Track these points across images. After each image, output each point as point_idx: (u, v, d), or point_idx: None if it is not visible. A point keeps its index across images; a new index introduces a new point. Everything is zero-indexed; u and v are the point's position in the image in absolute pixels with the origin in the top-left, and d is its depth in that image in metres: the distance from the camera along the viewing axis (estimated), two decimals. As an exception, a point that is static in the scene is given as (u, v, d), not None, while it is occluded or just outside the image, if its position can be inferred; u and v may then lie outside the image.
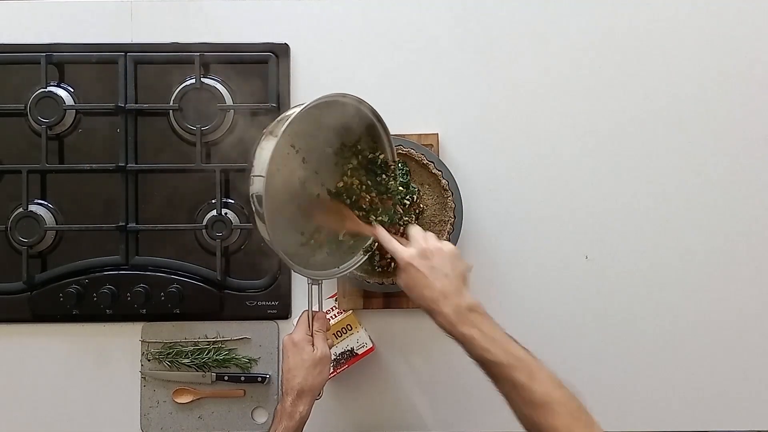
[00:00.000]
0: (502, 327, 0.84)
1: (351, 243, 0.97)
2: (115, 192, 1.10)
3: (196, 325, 1.10)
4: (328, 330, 0.96)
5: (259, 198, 0.82)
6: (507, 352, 0.80)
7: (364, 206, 0.96)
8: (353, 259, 0.98)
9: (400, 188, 1.00)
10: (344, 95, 0.89)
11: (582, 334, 1.11)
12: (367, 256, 0.99)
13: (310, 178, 0.93)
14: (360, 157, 0.96)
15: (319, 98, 0.86)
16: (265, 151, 0.82)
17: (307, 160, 0.92)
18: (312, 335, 0.93)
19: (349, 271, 0.97)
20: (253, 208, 0.84)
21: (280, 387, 0.94)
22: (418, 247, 0.87)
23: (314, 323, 0.93)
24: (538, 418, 0.77)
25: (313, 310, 0.94)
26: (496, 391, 0.81)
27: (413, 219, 1.02)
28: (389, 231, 0.99)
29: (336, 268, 0.96)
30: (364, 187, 0.96)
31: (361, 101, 0.91)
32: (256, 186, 0.83)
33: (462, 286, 0.86)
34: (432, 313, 0.85)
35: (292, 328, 1.08)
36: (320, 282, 0.95)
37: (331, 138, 0.94)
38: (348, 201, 0.95)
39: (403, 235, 1.00)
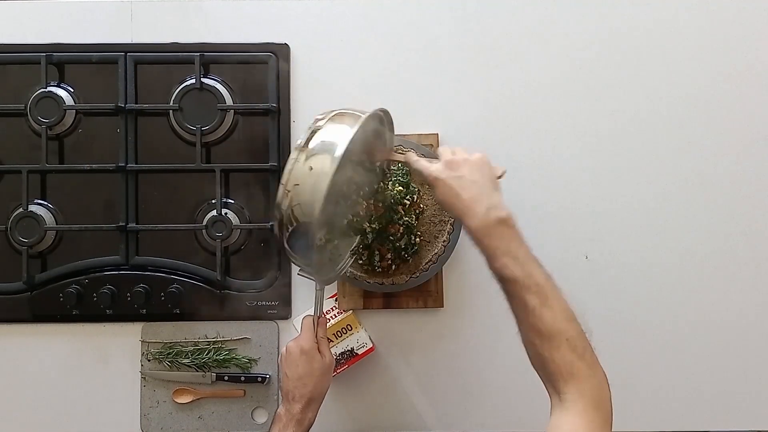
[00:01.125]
0: (530, 248, 0.82)
1: (335, 243, 0.97)
2: (115, 192, 1.10)
3: (196, 325, 1.10)
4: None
5: (303, 208, 0.79)
6: (526, 272, 0.78)
7: (361, 212, 0.97)
8: (344, 260, 0.99)
9: (399, 188, 1.00)
10: (382, 109, 0.88)
11: (582, 334, 1.11)
12: (353, 259, 1.01)
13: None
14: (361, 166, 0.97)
15: (370, 113, 0.84)
16: (316, 168, 0.79)
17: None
18: (317, 342, 0.92)
19: (345, 271, 0.99)
20: (284, 216, 0.81)
21: (283, 393, 0.92)
22: (444, 161, 0.86)
23: (318, 330, 0.93)
24: (541, 346, 0.76)
25: (313, 315, 0.95)
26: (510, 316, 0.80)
27: (413, 219, 1.03)
28: (388, 231, 1.00)
29: (332, 271, 0.97)
30: (361, 193, 0.96)
31: (385, 111, 0.90)
32: (301, 198, 0.79)
33: (492, 192, 0.84)
34: (462, 220, 0.84)
35: (293, 330, 1.09)
36: (324, 287, 0.95)
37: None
38: (344, 204, 0.95)
39: (403, 234, 1.01)
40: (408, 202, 1.02)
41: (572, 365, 0.74)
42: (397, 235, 1.01)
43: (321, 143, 0.80)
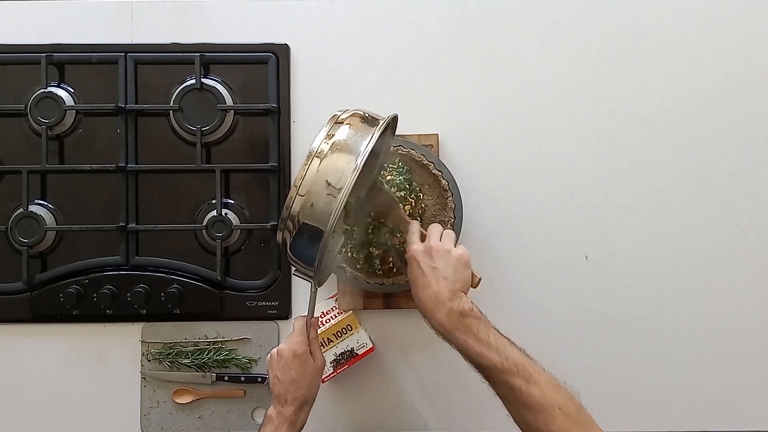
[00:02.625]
0: (498, 329, 0.84)
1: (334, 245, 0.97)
2: (115, 192, 1.10)
3: (196, 326, 1.10)
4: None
5: (314, 215, 0.77)
6: (503, 356, 0.80)
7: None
8: (333, 257, 0.98)
9: (403, 183, 1.01)
10: (394, 115, 0.88)
11: (582, 334, 1.11)
12: (341, 255, 1.02)
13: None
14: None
15: (386, 120, 0.83)
16: (334, 172, 0.77)
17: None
18: (309, 344, 0.91)
19: (333, 268, 1.00)
20: (292, 220, 0.79)
21: (275, 396, 0.90)
22: (426, 245, 0.88)
23: (310, 331, 0.92)
24: (536, 422, 0.77)
25: (306, 316, 0.93)
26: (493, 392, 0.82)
27: (417, 218, 1.03)
28: (393, 240, 1.01)
29: (326, 270, 0.96)
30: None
31: (395, 117, 0.89)
32: (325, 204, 0.77)
33: (459, 292, 0.85)
34: (426, 315, 0.86)
35: (290, 332, 1.09)
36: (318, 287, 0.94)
37: None
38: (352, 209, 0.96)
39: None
40: (413, 201, 1.03)
41: (569, 431, 0.76)
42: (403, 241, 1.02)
43: (339, 149, 0.79)
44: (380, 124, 0.81)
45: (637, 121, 1.12)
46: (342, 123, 0.81)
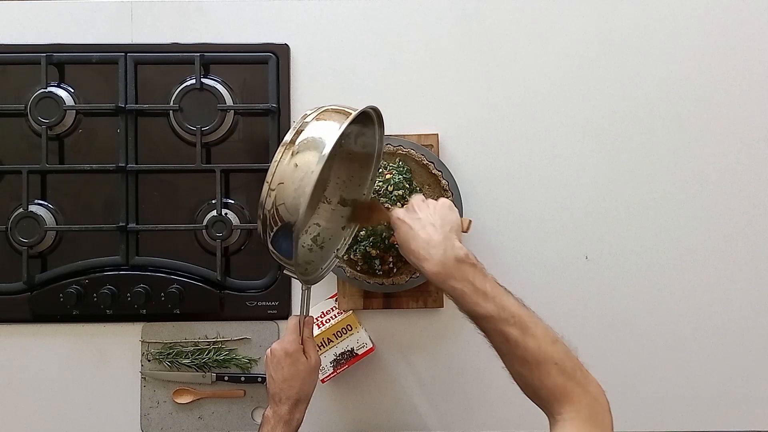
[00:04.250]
0: (495, 278, 0.81)
1: (321, 243, 0.97)
2: (115, 192, 1.10)
3: (196, 326, 1.10)
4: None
5: (287, 208, 0.77)
6: (499, 305, 0.77)
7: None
8: (329, 260, 0.97)
9: (404, 183, 1.02)
10: (372, 107, 0.86)
11: (582, 334, 1.10)
12: (339, 260, 0.99)
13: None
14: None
15: (359, 110, 0.81)
16: (303, 165, 0.76)
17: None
18: (302, 342, 0.91)
19: (329, 271, 0.97)
20: (267, 216, 0.79)
21: (270, 395, 0.90)
22: (407, 206, 0.87)
23: (304, 330, 0.92)
24: (530, 377, 0.75)
25: (300, 315, 0.93)
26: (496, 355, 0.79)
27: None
28: (392, 241, 1.01)
29: (317, 271, 0.95)
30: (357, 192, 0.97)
31: (375, 108, 0.87)
32: (291, 196, 0.77)
33: (451, 235, 0.82)
34: (419, 265, 0.81)
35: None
36: (310, 286, 0.94)
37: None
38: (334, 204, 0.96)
39: None
40: None
41: (564, 388, 0.73)
42: None
43: (307, 141, 0.78)
44: (353, 114, 0.80)
45: (637, 121, 1.12)
46: (314, 116, 0.81)
